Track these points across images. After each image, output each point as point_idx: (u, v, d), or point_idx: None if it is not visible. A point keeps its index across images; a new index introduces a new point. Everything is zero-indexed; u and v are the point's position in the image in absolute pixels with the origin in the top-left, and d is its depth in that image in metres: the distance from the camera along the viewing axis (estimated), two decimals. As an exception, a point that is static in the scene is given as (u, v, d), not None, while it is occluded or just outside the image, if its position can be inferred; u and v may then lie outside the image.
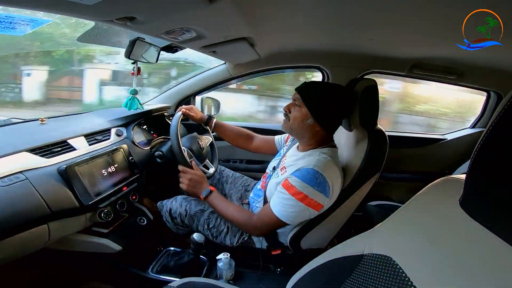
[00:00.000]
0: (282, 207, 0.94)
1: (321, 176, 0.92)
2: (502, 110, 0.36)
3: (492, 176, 0.39)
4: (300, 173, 0.94)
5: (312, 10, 0.89)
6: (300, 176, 0.93)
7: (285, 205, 0.94)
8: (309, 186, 0.91)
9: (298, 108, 1.02)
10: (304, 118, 1.01)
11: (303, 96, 1.01)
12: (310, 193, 0.91)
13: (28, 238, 0.80)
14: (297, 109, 1.03)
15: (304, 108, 1.00)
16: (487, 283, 0.36)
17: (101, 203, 1.01)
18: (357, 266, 0.55)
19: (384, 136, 1.05)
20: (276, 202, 0.96)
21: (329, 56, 1.63)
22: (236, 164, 1.83)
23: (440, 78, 1.65)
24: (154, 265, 1.15)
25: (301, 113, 1.01)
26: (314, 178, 0.91)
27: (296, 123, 1.03)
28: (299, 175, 0.93)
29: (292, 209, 0.93)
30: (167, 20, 0.82)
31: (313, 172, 0.92)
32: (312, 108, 0.99)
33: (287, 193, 0.93)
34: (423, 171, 1.87)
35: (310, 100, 1.00)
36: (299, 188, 0.91)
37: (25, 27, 0.98)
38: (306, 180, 0.91)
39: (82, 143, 1.07)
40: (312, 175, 0.92)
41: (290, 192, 0.92)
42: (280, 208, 0.95)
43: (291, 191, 0.92)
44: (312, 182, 0.91)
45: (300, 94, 1.02)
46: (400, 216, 0.56)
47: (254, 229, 1.03)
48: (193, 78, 1.80)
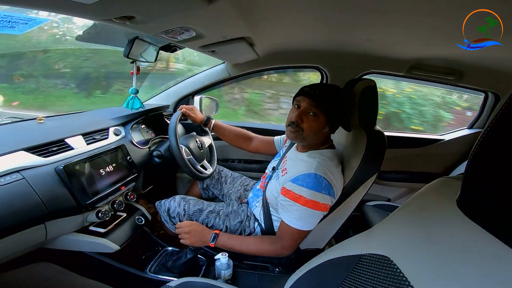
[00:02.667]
0: (299, 220, 0.94)
1: (324, 179, 0.92)
2: (500, 111, 0.36)
3: (489, 176, 0.39)
4: (303, 181, 0.93)
5: (310, 10, 0.89)
6: (304, 184, 0.92)
7: (302, 216, 0.94)
8: (316, 192, 0.91)
9: (313, 118, 0.95)
10: (322, 127, 0.97)
11: (321, 105, 0.94)
12: (320, 199, 0.92)
13: (25, 237, 0.79)
14: (312, 119, 0.95)
15: (322, 117, 0.95)
16: (484, 283, 0.36)
17: (99, 203, 1.01)
18: (355, 266, 0.55)
19: (383, 136, 1.05)
20: (291, 217, 0.95)
21: (328, 56, 1.63)
22: (235, 164, 1.83)
23: (438, 79, 1.65)
24: (152, 264, 1.15)
25: (318, 123, 0.95)
26: (318, 183, 0.92)
27: (312, 133, 0.97)
28: (303, 183, 0.93)
29: (308, 218, 0.94)
30: (166, 19, 0.82)
31: (316, 177, 0.92)
32: (330, 116, 0.95)
33: (298, 205, 0.92)
34: (421, 172, 1.88)
35: (329, 108, 0.95)
36: (308, 197, 0.91)
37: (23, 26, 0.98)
38: (311, 187, 0.91)
39: (80, 142, 1.06)
40: (316, 181, 0.92)
41: (300, 203, 0.92)
42: (298, 222, 0.94)
43: (301, 202, 0.92)
44: (319, 187, 0.91)
45: (317, 102, 0.94)
46: (398, 217, 0.56)
47: (284, 250, 1.00)
48: (191, 77, 1.79)
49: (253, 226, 1.14)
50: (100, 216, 1.02)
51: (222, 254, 1.04)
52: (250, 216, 1.19)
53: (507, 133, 0.36)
